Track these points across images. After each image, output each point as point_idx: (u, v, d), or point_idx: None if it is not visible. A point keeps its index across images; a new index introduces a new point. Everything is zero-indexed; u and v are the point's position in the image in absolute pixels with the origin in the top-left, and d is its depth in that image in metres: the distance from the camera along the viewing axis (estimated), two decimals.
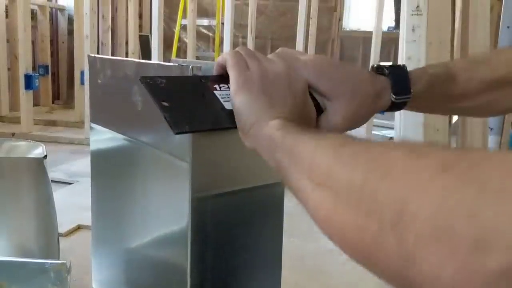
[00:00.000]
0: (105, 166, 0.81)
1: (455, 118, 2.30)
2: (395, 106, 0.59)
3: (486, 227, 0.23)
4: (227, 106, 0.51)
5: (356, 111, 0.55)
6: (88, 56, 0.79)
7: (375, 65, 0.60)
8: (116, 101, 0.73)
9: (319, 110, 0.56)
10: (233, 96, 0.50)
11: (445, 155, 0.29)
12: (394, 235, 0.28)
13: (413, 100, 0.59)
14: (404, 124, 1.83)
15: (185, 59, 3.30)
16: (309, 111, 0.53)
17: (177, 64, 0.58)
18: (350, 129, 0.57)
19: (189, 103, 0.50)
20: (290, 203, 0.56)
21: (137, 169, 0.71)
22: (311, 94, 0.55)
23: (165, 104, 0.48)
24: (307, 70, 0.54)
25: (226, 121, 0.51)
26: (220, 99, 0.52)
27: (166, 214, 0.64)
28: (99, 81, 0.77)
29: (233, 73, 0.51)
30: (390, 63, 0.59)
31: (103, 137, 0.78)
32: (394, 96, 0.57)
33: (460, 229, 0.24)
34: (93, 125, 0.80)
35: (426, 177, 0.27)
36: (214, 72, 0.54)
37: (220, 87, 0.52)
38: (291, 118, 0.49)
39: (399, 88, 0.57)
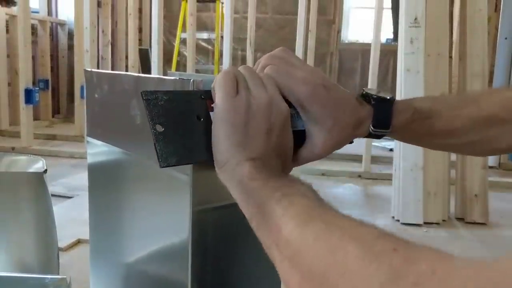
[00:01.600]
0: (103, 180, 0.81)
1: None
2: (372, 136, 0.59)
3: None
4: None
5: (336, 139, 0.55)
6: (85, 70, 0.79)
7: (364, 91, 0.59)
8: (114, 115, 0.73)
9: (303, 137, 0.56)
10: (213, 126, 0.50)
11: (394, 262, 0.32)
12: None
13: (395, 133, 0.59)
14: None
15: (182, 72, 3.32)
16: (286, 143, 0.53)
17: (177, 78, 0.58)
18: (327, 155, 0.57)
19: (183, 128, 0.50)
20: None
21: (135, 183, 0.71)
22: (297, 114, 0.55)
23: (159, 128, 0.48)
24: (300, 90, 0.54)
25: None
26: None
27: (165, 227, 0.64)
28: (96, 96, 0.77)
29: (218, 98, 0.50)
30: (377, 93, 0.58)
31: (101, 151, 0.78)
32: (372, 127, 0.57)
33: None
34: (90, 139, 0.80)
35: (376, 286, 0.31)
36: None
37: None
38: (265, 158, 0.49)
39: (379, 121, 0.57)
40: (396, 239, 0.35)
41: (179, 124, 0.50)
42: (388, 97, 0.57)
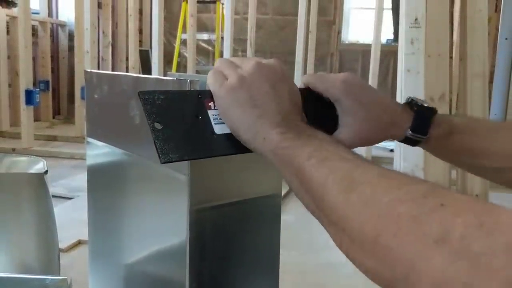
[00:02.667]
0: (102, 180, 0.81)
1: None
2: (408, 141, 0.61)
3: None
4: (217, 130, 0.52)
5: (367, 131, 0.58)
6: (85, 71, 0.79)
7: (409, 99, 0.62)
8: (113, 116, 0.73)
9: (335, 123, 0.58)
10: (222, 114, 0.51)
11: (443, 218, 0.33)
12: (404, 285, 0.34)
13: (430, 143, 0.61)
14: None
15: (181, 73, 3.33)
16: (294, 90, 0.54)
17: (175, 78, 0.58)
18: (356, 147, 0.58)
19: (181, 125, 0.50)
20: (290, 216, 0.56)
21: (134, 183, 0.71)
22: (330, 107, 0.58)
23: (158, 126, 0.48)
24: (337, 86, 0.57)
25: (214, 149, 0.52)
26: (212, 121, 0.52)
27: (163, 227, 0.64)
28: (96, 96, 0.77)
29: (213, 89, 0.52)
30: (422, 101, 0.61)
31: (100, 152, 0.78)
32: (410, 131, 0.59)
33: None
34: (90, 140, 0.80)
35: (430, 244, 0.32)
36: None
37: (214, 106, 0.53)
38: (286, 115, 0.50)
39: (418, 126, 0.59)
40: (443, 193, 0.36)
41: (178, 122, 0.50)
42: (430, 106, 0.60)
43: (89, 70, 0.79)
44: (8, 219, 1.03)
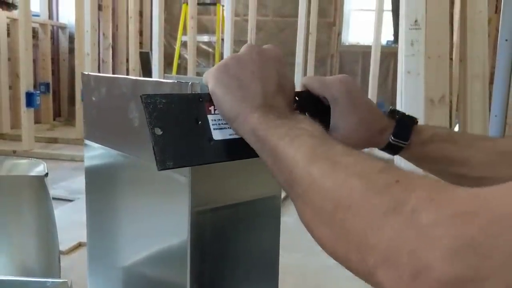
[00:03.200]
0: (100, 183, 0.81)
1: (456, 128, 2.30)
2: (390, 148, 0.62)
3: (422, 262, 0.30)
4: (216, 135, 0.52)
5: (357, 135, 0.59)
6: (82, 74, 0.80)
7: (391, 108, 0.64)
8: (111, 118, 0.73)
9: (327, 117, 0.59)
10: (210, 88, 0.52)
11: (395, 192, 0.35)
12: (357, 256, 0.35)
13: (411, 151, 0.62)
14: None
15: (179, 76, 3.32)
16: (284, 75, 0.54)
17: (175, 81, 0.58)
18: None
19: (180, 131, 0.51)
20: (291, 218, 0.56)
21: (133, 185, 0.71)
22: (324, 113, 0.59)
23: (158, 131, 0.49)
24: (336, 87, 0.59)
25: (210, 156, 0.52)
26: (211, 127, 0.53)
27: (164, 229, 0.64)
28: (94, 99, 0.77)
29: (205, 74, 0.54)
30: (404, 112, 0.63)
31: (98, 154, 0.78)
32: (392, 137, 0.61)
33: (404, 261, 0.31)
34: (88, 142, 0.80)
35: (380, 216, 0.34)
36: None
37: (214, 110, 0.53)
38: (268, 99, 0.51)
39: (400, 132, 0.61)
40: (398, 171, 0.37)
41: (178, 127, 0.50)
42: (412, 116, 0.63)
43: (86, 73, 0.79)
44: (8, 222, 1.04)
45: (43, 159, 1.26)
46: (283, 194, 0.70)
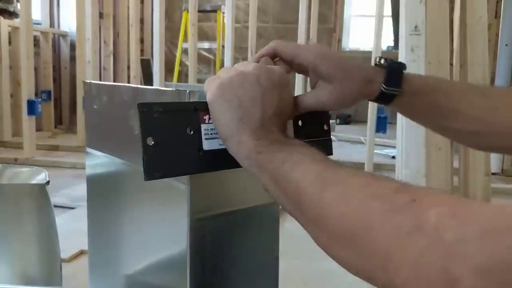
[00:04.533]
0: (102, 190, 0.81)
1: None
2: (383, 98, 0.61)
3: (453, 277, 0.31)
4: (205, 145, 0.53)
5: (344, 91, 0.58)
6: (84, 82, 0.80)
7: (377, 58, 0.63)
8: (112, 126, 0.74)
9: (326, 131, 0.61)
10: (209, 105, 0.52)
11: (416, 211, 0.35)
12: (384, 275, 0.35)
13: (403, 101, 0.61)
14: (406, 143, 1.83)
15: (178, 84, 3.33)
16: (285, 100, 0.54)
17: (174, 89, 0.58)
18: (335, 108, 0.60)
19: (172, 141, 0.51)
20: (292, 224, 0.56)
21: (134, 193, 0.71)
22: (320, 113, 0.60)
23: (150, 142, 0.49)
24: (311, 52, 0.58)
25: (199, 166, 0.53)
26: (203, 136, 0.53)
27: (163, 236, 0.64)
28: (95, 107, 0.77)
29: (205, 86, 0.53)
30: (392, 59, 0.62)
31: (100, 162, 0.79)
32: (384, 86, 0.60)
33: (434, 277, 0.32)
34: (89, 150, 0.81)
35: (404, 236, 0.34)
36: None
37: (209, 119, 0.53)
38: (265, 124, 0.50)
39: (391, 80, 0.60)
40: (413, 188, 0.38)
41: (170, 138, 0.51)
42: (400, 62, 0.62)
43: (88, 81, 0.79)
44: (10, 230, 1.04)
45: (44, 166, 1.26)
46: None
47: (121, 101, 0.70)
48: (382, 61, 0.61)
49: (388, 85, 0.59)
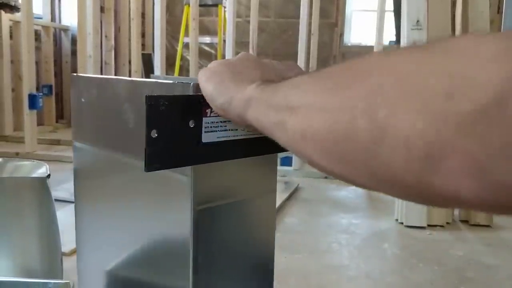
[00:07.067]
0: (91, 185, 0.80)
1: None
2: None
3: (457, 79, 0.24)
4: (204, 138, 0.54)
5: None
6: (71, 75, 0.79)
7: None
8: (104, 119, 0.73)
9: None
10: (203, 87, 0.52)
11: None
12: (365, 118, 0.29)
13: None
14: None
15: (167, 76, 3.35)
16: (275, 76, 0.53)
17: (176, 82, 0.58)
18: None
19: (175, 134, 0.52)
20: (293, 219, 0.57)
21: (128, 186, 0.71)
22: None
23: (153, 134, 0.50)
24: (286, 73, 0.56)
25: (197, 158, 0.54)
26: (203, 129, 0.54)
27: (164, 229, 0.64)
28: (83, 100, 0.77)
29: (199, 75, 0.53)
30: None
31: (89, 156, 0.77)
32: None
33: (430, 86, 0.25)
34: (78, 144, 0.79)
35: (392, 58, 0.31)
36: None
37: (211, 112, 0.54)
38: (265, 79, 0.49)
39: None
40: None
41: (173, 130, 0.52)
42: None
43: (75, 74, 0.79)
44: (11, 223, 1.04)
45: (45, 161, 1.26)
46: (286, 195, 0.70)
47: (114, 94, 0.69)
48: None
49: None
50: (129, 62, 4.45)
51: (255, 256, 0.69)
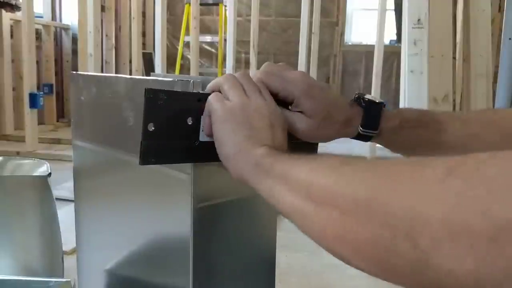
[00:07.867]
0: (93, 185, 0.79)
1: None
2: (362, 137, 0.61)
3: (501, 219, 0.25)
4: (202, 136, 0.54)
5: (322, 130, 0.58)
6: (71, 73, 0.79)
7: (357, 94, 0.62)
8: (104, 117, 0.73)
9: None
10: (214, 126, 0.52)
11: (448, 161, 0.30)
12: (408, 241, 0.30)
13: (383, 137, 0.61)
14: None
15: (174, 74, 3.34)
16: (285, 138, 0.55)
17: (176, 80, 0.58)
18: (306, 139, 0.59)
19: (172, 129, 0.52)
20: None
21: (129, 185, 0.71)
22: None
23: (150, 128, 0.50)
24: (296, 88, 0.57)
25: (193, 156, 0.54)
26: (201, 127, 0.54)
27: (165, 226, 0.64)
28: (82, 98, 0.77)
29: (213, 102, 0.52)
30: (371, 96, 0.61)
31: (89, 154, 0.77)
32: (361, 128, 0.60)
33: (476, 225, 0.26)
34: (77, 142, 0.79)
35: (434, 183, 0.29)
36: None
37: None
38: (274, 146, 0.50)
39: (368, 122, 0.60)
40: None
41: (170, 125, 0.52)
42: (378, 101, 0.60)
43: (75, 72, 0.79)
44: (12, 222, 1.04)
45: (46, 160, 1.26)
46: None
47: (113, 92, 0.69)
48: (362, 100, 0.61)
49: (366, 127, 0.60)
50: (130, 61, 4.45)
51: (256, 255, 0.68)
